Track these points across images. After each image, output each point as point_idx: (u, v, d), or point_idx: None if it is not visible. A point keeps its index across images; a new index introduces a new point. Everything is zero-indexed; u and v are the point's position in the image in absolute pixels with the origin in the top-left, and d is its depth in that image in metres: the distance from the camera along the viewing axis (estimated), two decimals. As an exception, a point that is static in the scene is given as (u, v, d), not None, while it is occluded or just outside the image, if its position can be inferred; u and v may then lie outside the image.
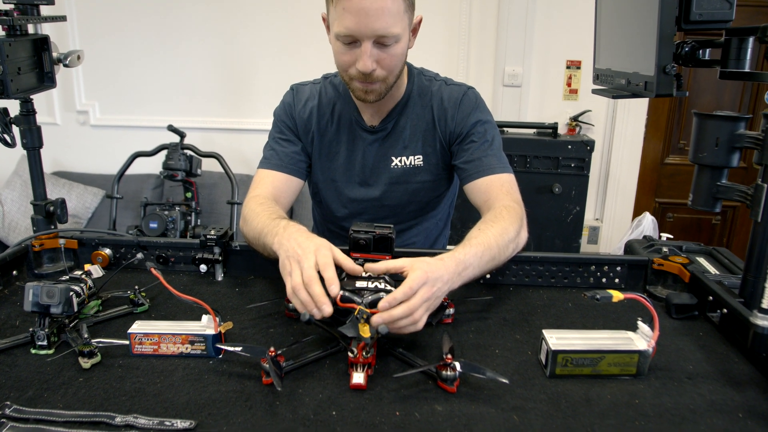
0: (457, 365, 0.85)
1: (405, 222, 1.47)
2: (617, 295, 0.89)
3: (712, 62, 1.09)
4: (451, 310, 1.07)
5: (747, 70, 1.04)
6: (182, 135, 2.79)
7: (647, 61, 1.08)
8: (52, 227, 1.31)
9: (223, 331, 0.95)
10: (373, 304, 0.91)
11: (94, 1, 3.20)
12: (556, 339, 0.91)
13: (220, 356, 0.95)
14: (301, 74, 3.16)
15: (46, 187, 1.36)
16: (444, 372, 0.85)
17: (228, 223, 2.84)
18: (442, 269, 0.95)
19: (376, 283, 0.96)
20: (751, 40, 1.03)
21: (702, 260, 1.29)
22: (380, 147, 1.40)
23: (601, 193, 3.16)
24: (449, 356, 0.86)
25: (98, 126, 3.44)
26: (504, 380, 0.85)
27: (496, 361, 0.94)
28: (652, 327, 0.90)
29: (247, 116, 3.31)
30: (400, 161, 1.40)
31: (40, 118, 1.26)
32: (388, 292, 0.92)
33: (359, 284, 0.96)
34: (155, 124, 3.25)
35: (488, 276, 1.24)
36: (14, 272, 1.24)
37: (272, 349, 0.87)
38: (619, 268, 1.24)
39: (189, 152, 2.79)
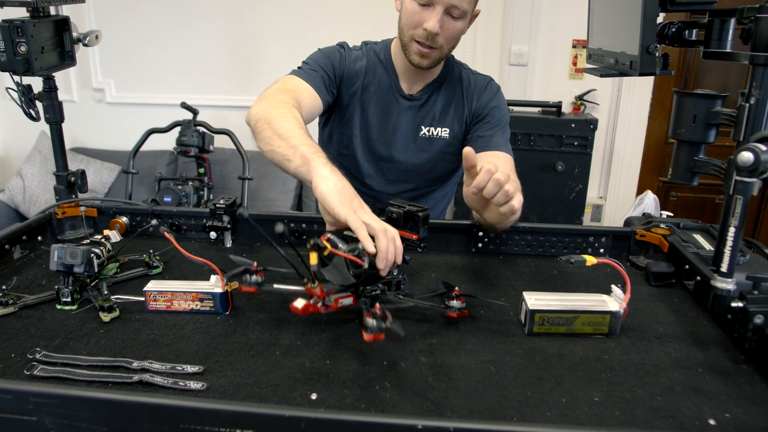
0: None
1: (422, 188, 1.59)
2: (590, 260, 0.96)
3: (697, 42, 1.15)
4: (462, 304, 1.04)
5: (728, 50, 1.10)
6: (195, 112, 2.87)
7: (633, 41, 1.14)
8: (73, 196, 1.40)
9: (229, 290, 1.04)
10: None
11: (109, -20, 3.28)
12: (535, 300, 0.98)
13: (227, 312, 1.04)
14: (311, 52, 3.21)
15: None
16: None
17: (240, 198, 2.92)
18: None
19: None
20: (732, 21, 1.08)
21: (698, 237, 1.34)
22: (413, 115, 1.53)
23: (605, 171, 3.21)
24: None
25: (114, 103, 3.53)
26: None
27: (479, 321, 1.02)
28: (624, 290, 0.98)
29: (257, 93, 3.36)
30: (428, 131, 1.53)
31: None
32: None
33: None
34: (169, 101, 3.34)
35: (480, 245, 1.32)
36: (39, 237, 1.33)
37: (255, 264, 1.03)
38: (603, 239, 1.31)
39: (201, 129, 2.87)
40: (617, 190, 3.19)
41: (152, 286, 1.05)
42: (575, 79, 3.06)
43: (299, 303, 0.91)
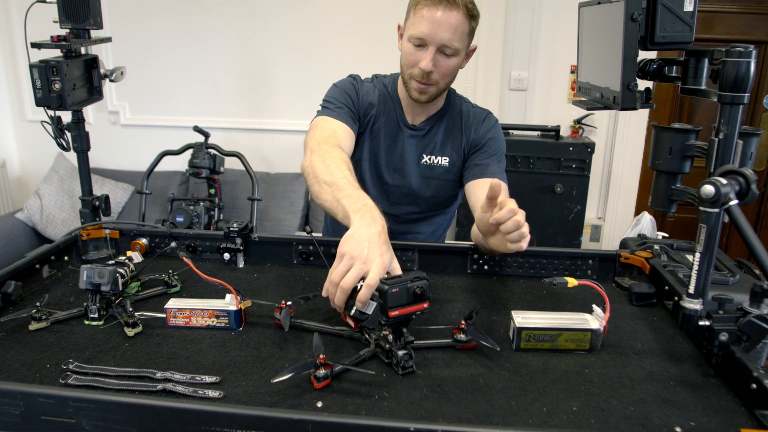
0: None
1: (424, 212, 1.69)
2: (572, 281, 1.05)
3: (676, 78, 1.25)
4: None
5: (703, 87, 1.20)
6: (207, 135, 2.99)
7: (615, 78, 1.24)
8: (97, 219, 1.51)
9: (243, 308, 1.13)
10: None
11: (124, 11, 3.42)
12: (522, 318, 1.07)
13: (241, 329, 1.13)
14: (319, 77, 3.35)
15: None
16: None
17: (248, 217, 3.03)
18: None
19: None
20: (705, 61, 1.18)
21: (690, 257, 1.41)
22: (416, 144, 1.64)
23: (603, 192, 3.30)
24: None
25: (128, 125, 3.66)
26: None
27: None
28: (603, 310, 1.06)
29: (266, 117, 3.50)
30: (429, 159, 1.64)
31: (70, 118, 1.44)
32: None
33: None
34: (180, 123, 3.47)
35: (475, 266, 1.41)
36: (65, 258, 1.44)
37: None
38: (591, 261, 1.40)
39: (213, 151, 2.99)
40: (615, 210, 3.28)
41: (172, 303, 1.14)
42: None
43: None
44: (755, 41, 2.96)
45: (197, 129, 2.97)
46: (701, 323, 0.97)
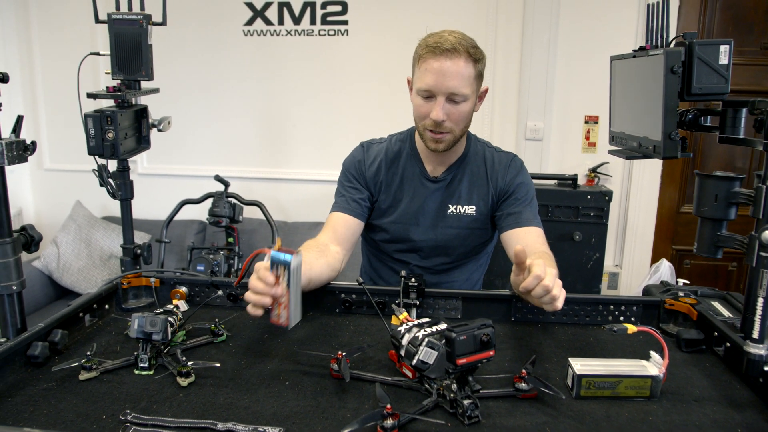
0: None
1: (455, 261, 1.69)
2: (631, 328, 1.05)
3: (712, 128, 1.28)
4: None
5: (741, 136, 1.23)
6: (227, 184, 3.02)
7: (655, 127, 1.27)
8: (138, 267, 1.51)
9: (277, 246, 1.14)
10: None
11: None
12: (581, 365, 1.07)
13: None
14: (336, 127, 3.41)
15: (97, 232, 1.56)
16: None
17: (267, 266, 3.02)
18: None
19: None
20: (744, 111, 1.21)
21: (716, 304, 1.42)
22: (441, 195, 1.64)
23: (620, 240, 3.31)
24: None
25: (144, 174, 3.69)
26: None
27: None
28: (662, 356, 1.06)
29: (283, 166, 3.54)
30: (456, 209, 1.64)
31: (88, 167, 1.46)
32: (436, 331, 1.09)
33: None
34: (196, 173, 3.51)
35: (518, 315, 1.41)
36: (106, 306, 1.43)
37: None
38: (635, 308, 1.40)
39: (233, 200, 3.01)
40: (632, 258, 3.28)
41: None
42: (588, 152, 3.21)
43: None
44: (765, 92, 3.04)
45: (218, 178, 3.00)
46: (767, 368, 0.97)
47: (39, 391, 1.06)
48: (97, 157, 1.31)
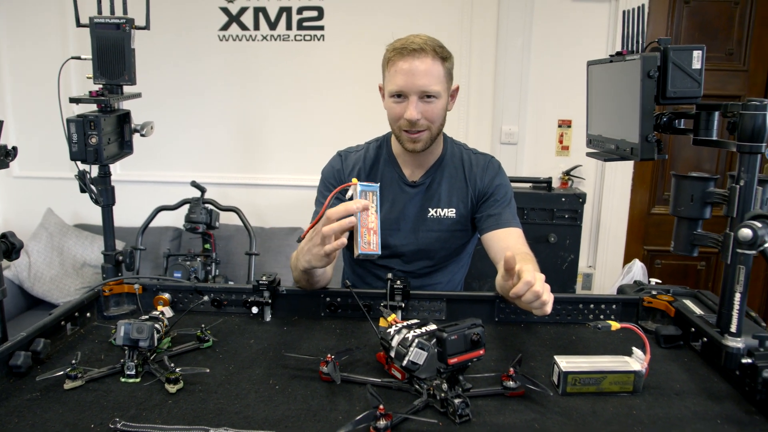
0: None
1: (437, 264, 1.70)
2: (615, 325, 1.08)
3: (686, 131, 1.32)
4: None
5: (715, 138, 1.27)
6: (203, 190, 2.99)
7: (632, 130, 1.30)
8: (120, 275, 1.49)
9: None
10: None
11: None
12: (566, 363, 1.09)
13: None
14: (312, 132, 3.41)
15: (70, 240, 1.55)
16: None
17: (245, 271, 3.00)
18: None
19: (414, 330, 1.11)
20: (717, 114, 1.26)
21: (688, 302, 1.46)
22: (420, 199, 1.65)
23: (593, 241, 3.37)
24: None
25: (119, 181, 3.60)
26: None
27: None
28: (644, 352, 1.09)
29: (259, 172, 3.52)
30: (436, 212, 1.65)
31: (60, 174, 1.45)
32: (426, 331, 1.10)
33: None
34: (171, 179, 3.47)
35: (502, 315, 1.43)
36: (88, 314, 1.41)
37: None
38: (614, 306, 1.43)
39: (210, 206, 2.98)
40: (605, 259, 3.35)
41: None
42: (561, 156, 3.27)
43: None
44: (729, 96, 3.14)
45: (194, 184, 2.97)
46: (744, 361, 1.00)
47: (23, 401, 1.05)
48: (79, 162, 1.29)
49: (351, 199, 1.23)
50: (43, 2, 3.37)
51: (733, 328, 1.01)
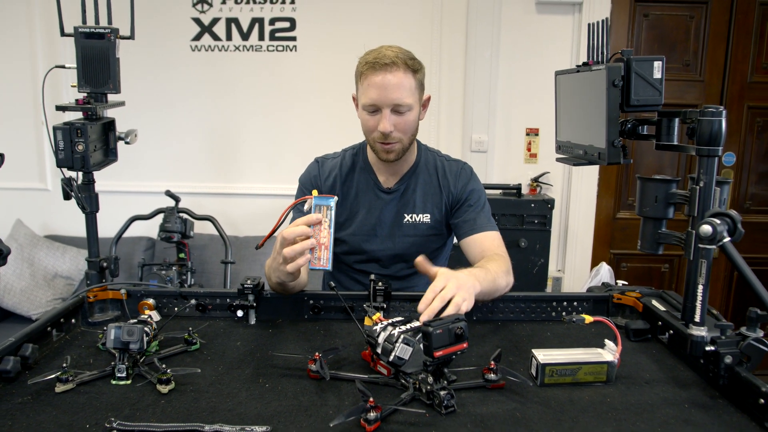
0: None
1: (413, 267, 1.72)
2: (588, 318, 1.15)
3: (649, 136, 1.40)
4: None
5: (676, 143, 1.35)
6: (178, 200, 2.99)
7: (599, 136, 1.38)
8: (104, 281, 1.50)
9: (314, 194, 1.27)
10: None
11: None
12: (544, 355, 1.15)
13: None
14: (285, 141, 3.43)
15: (41, 251, 1.56)
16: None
17: (221, 280, 3.01)
18: (459, 272, 1.27)
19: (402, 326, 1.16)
20: (677, 120, 1.34)
21: (654, 301, 1.55)
22: (396, 205, 1.70)
23: (561, 246, 3.48)
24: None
25: (88, 192, 3.59)
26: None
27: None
28: (616, 343, 1.16)
29: (233, 181, 3.53)
30: (411, 218, 1.70)
31: (29, 184, 1.46)
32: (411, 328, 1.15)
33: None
34: (144, 189, 3.45)
35: (479, 314, 1.49)
36: (73, 320, 1.42)
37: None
38: (585, 303, 1.50)
39: (184, 215, 2.98)
40: (574, 262, 3.46)
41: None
42: (530, 163, 3.37)
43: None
44: (688, 104, 3.29)
45: (169, 193, 2.97)
46: (707, 348, 1.08)
47: (15, 405, 1.06)
48: (64, 169, 1.31)
49: (309, 211, 1.27)
50: (12, 12, 3.34)
51: (697, 318, 1.08)
